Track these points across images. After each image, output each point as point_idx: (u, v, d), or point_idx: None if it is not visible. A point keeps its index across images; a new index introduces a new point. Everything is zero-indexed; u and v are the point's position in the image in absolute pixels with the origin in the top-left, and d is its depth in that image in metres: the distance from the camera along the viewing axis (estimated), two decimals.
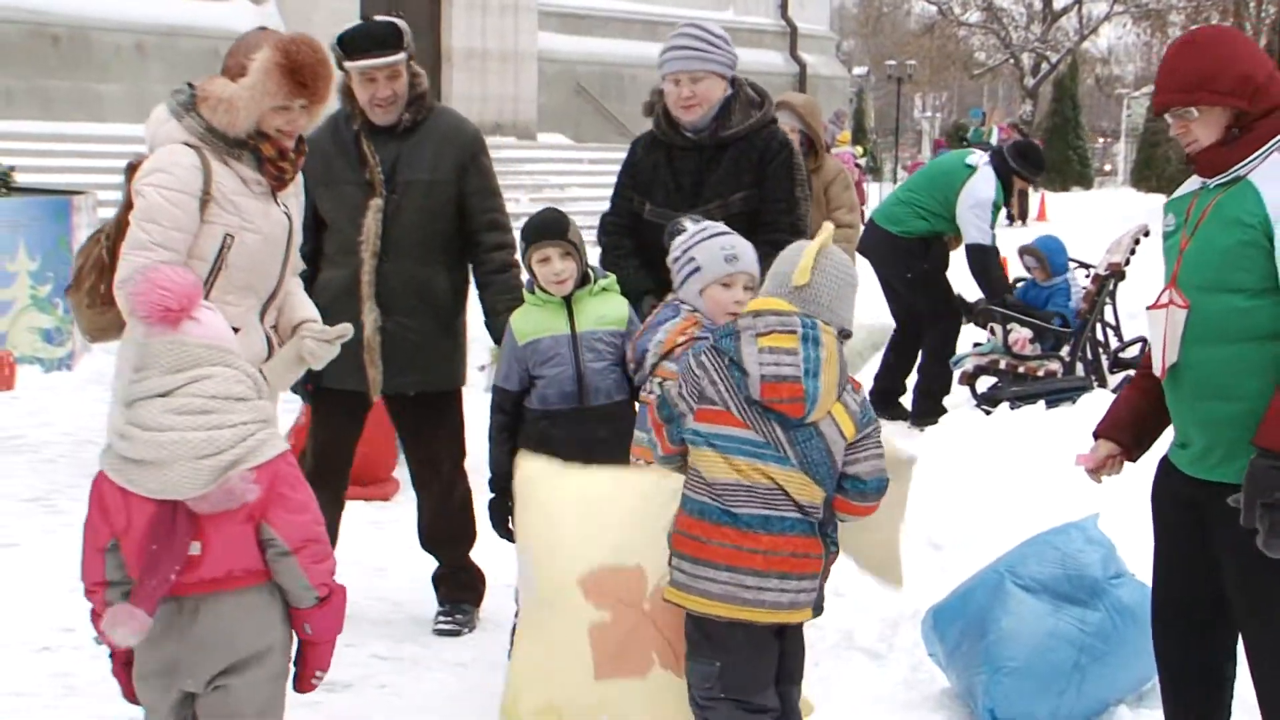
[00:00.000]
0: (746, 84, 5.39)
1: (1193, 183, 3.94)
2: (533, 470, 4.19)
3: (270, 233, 4.36)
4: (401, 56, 5.43)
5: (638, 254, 5.32)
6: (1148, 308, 3.97)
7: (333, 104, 4.65)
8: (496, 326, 5.42)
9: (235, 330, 4.25)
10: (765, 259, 4.35)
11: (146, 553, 3.33)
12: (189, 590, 3.38)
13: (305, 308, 4.61)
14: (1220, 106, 3.75)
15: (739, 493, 3.67)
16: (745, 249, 4.33)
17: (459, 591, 5.86)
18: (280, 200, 4.40)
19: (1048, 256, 10.58)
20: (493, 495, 4.93)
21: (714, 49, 5.26)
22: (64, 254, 10.69)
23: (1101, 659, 4.81)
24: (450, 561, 5.88)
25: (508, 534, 4.87)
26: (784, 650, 3.83)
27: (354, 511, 7.39)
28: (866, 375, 9.93)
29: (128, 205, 4.29)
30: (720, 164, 5.27)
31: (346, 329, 4.56)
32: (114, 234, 4.35)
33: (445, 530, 5.86)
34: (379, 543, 6.86)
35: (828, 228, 3.86)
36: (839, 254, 3.81)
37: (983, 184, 9.88)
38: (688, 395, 3.73)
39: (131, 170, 4.35)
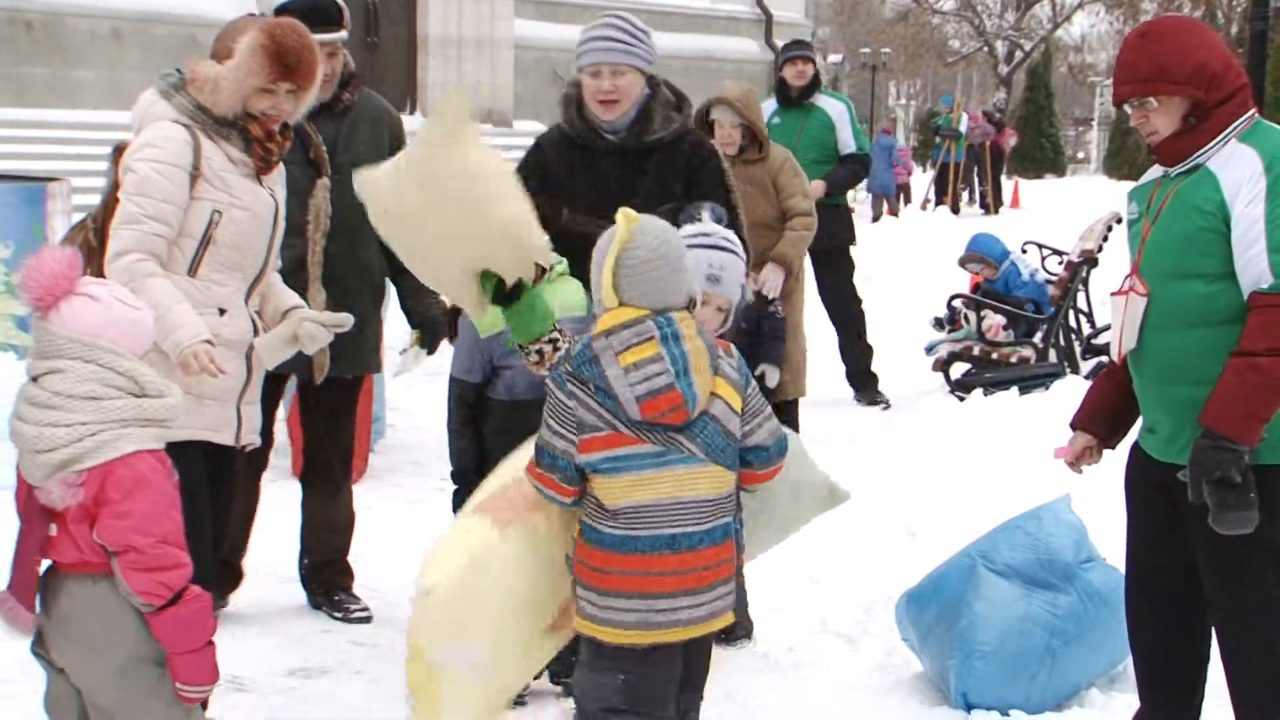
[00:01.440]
0: (663, 83, 5.10)
1: (1155, 171, 3.99)
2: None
3: (258, 212, 4.34)
4: (343, 34, 5.42)
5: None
6: (1111, 294, 4.01)
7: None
8: (420, 307, 5.45)
9: (222, 311, 4.25)
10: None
11: (19, 531, 3.44)
12: (57, 568, 3.46)
13: (292, 296, 4.61)
14: (1178, 96, 3.78)
15: (642, 514, 3.53)
16: (732, 271, 4.14)
17: (345, 578, 5.82)
18: (265, 183, 4.38)
19: (985, 254, 10.75)
20: (456, 487, 4.84)
21: (638, 42, 4.96)
22: (39, 241, 10.59)
23: (1073, 642, 4.83)
24: (341, 548, 5.80)
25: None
26: (688, 659, 3.70)
27: None
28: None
29: (115, 187, 4.27)
30: (647, 172, 5.00)
31: (346, 318, 4.53)
32: (101, 217, 4.33)
33: (343, 516, 5.81)
34: (354, 530, 6.84)
35: (623, 225, 3.59)
36: (642, 240, 3.56)
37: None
38: (565, 431, 3.53)
39: (118, 153, 4.33)
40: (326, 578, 5.76)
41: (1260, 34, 10.90)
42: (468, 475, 4.71)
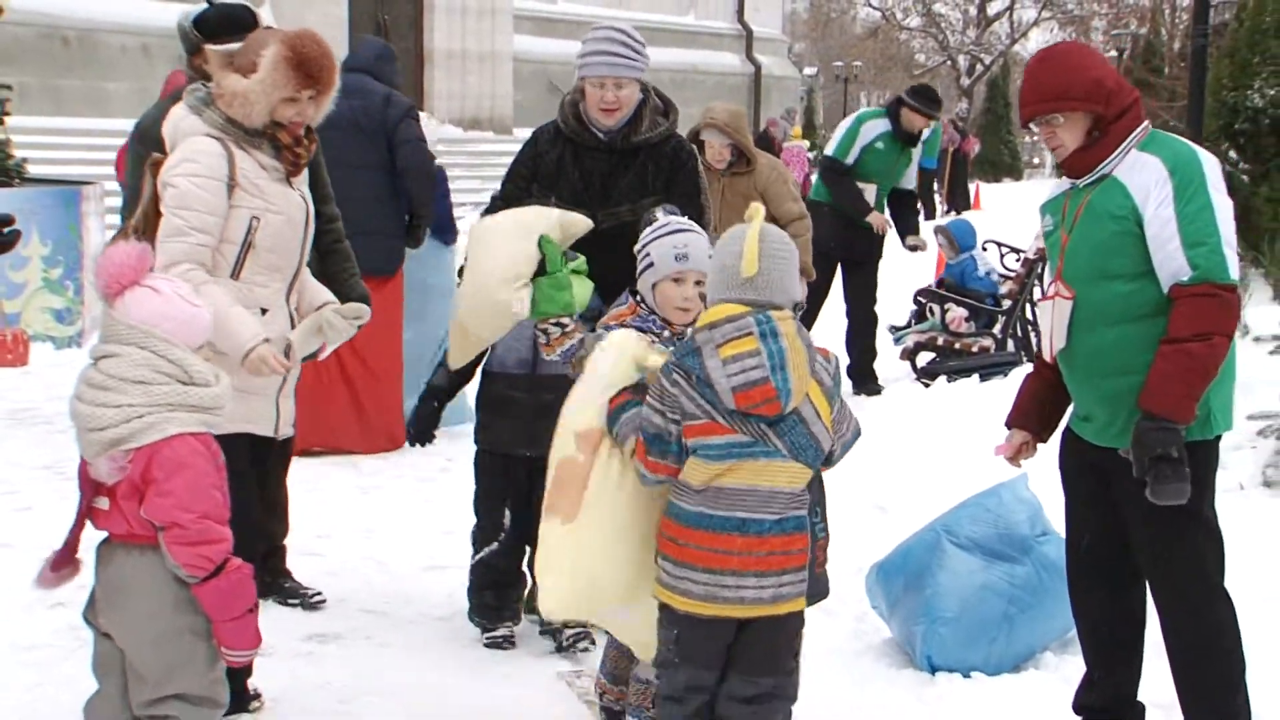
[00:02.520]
0: (654, 91, 5.10)
1: (1063, 184, 4.04)
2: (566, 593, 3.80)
3: (291, 214, 4.28)
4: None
5: None
6: (1038, 301, 4.03)
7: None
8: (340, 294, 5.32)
9: (264, 311, 4.19)
10: None
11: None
12: (111, 539, 3.46)
13: (325, 292, 4.54)
14: (1080, 112, 3.84)
15: (720, 496, 3.49)
16: (697, 247, 4.08)
17: (285, 563, 5.59)
18: (295, 185, 4.33)
19: (956, 237, 10.92)
20: (422, 402, 5.05)
21: (639, 56, 4.94)
22: (73, 240, 10.62)
23: (1029, 610, 4.83)
24: (283, 535, 5.57)
25: (425, 438, 5.58)
26: (749, 643, 3.58)
27: (342, 478, 7.41)
28: None
29: (154, 199, 4.21)
30: (631, 168, 4.99)
31: (364, 310, 4.46)
32: (142, 228, 4.28)
33: (285, 501, 5.53)
34: (366, 507, 6.85)
35: (758, 209, 3.62)
36: (774, 231, 3.60)
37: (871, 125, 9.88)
38: (670, 415, 3.50)
39: (154, 167, 4.27)
40: (272, 565, 5.47)
41: (1200, 49, 10.94)
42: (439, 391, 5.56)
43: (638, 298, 4.10)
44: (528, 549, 5.04)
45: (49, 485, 6.83)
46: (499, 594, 5.14)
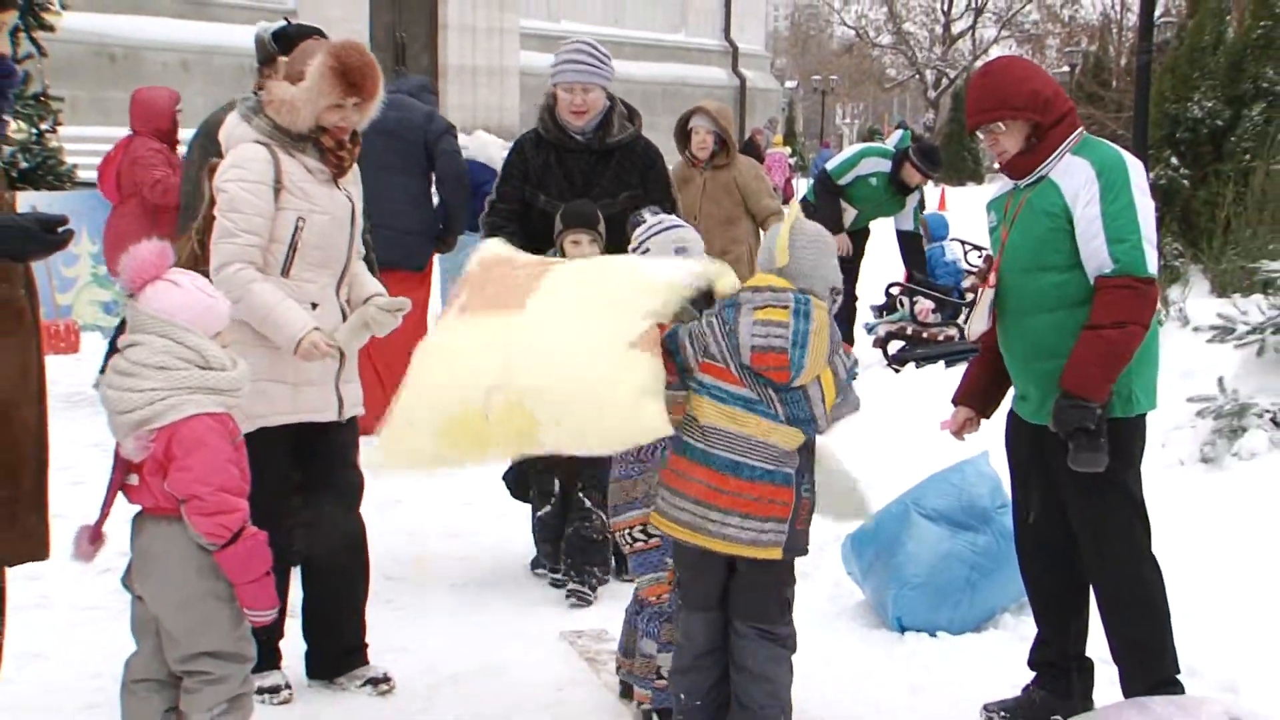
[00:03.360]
0: (619, 100, 5.29)
1: (1006, 185, 4.08)
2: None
3: (336, 214, 4.20)
4: None
5: (524, 236, 5.06)
6: (979, 288, 4.06)
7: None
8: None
9: (314, 305, 4.12)
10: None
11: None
12: (143, 512, 3.47)
13: (374, 284, 4.42)
14: (1019, 120, 3.87)
15: (721, 437, 3.51)
16: (694, 242, 4.12)
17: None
18: (341, 186, 4.26)
19: (931, 226, 11.24)
20: None
21: (603, 65, 5.18)
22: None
23: (989, 575, 4.84)
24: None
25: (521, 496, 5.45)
26: (738, 587, 3.62)
27: (370, 456, 7.37)
28: None
29: (211, 202, 4.18)
30: (608, 167, 5.20)
31: (405, 302, 4.35)
32: (203, 229, 4.24)
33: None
34: (390, 480, 6.82)
35: (796, 207, 3.68)
36: (810, 226, 3.64)
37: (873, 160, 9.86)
38: (695, 349, 3.57)
39: (211, 172, 4.24)
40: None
41: (1145, 65, 10.92)
42: None
43: None
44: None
45: (98, 461, 6.79)
46: (554, 546, 5.40)
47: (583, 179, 5.19)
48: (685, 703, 3.66)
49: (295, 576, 4.42)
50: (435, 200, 7.82)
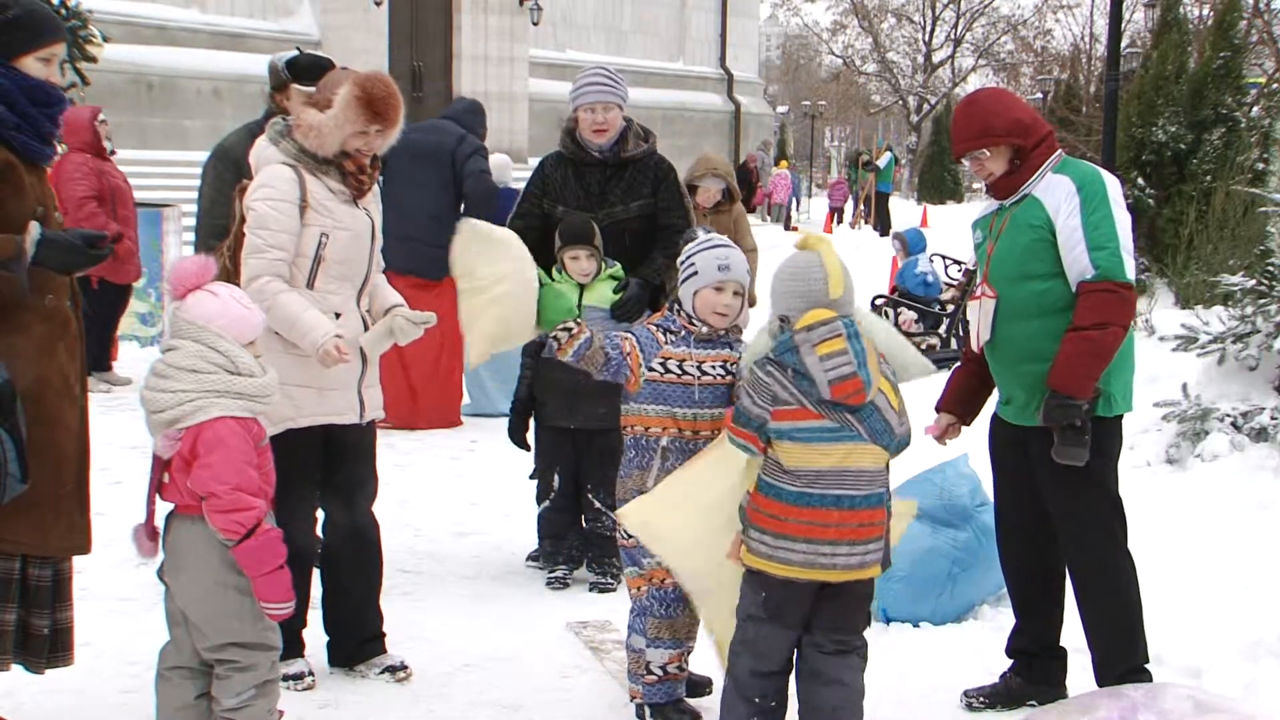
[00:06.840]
0: (634, 122, 5.38)
1: (990, 205, 4.09)
2: (644, 516, 3.79)
3: (358, 231, 4.19)
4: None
5: (543, 246, 5.10)
6: (968, 300, 4.05)
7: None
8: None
9: (338, 315, 4.11)
10: (668, 245, 5.06)
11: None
12: (175, 509, 3.47)
13: (394, 295, 4.40)
14: (1003, 145, 3.90)
15: (815, 478, 3.45)
16: (738, 261, 3.98)
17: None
18: (361, 205, 4.25)
19: (909, 240, 11.33)
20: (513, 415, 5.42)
21: (619, 86, 5.27)
22: (155, 254, 10.59)
23: (969, 569, 4.83)
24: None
25: (521, 444, 5.42)
26: (828, 603, 3.56)
27: (380, 456, 7.35)
28: None
29: (241, 220, 4.18)
30: (623, 179, 5.26)
31: (431, 317, 4.32)
32: (234, 246, 4.24)
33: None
34: (402, 479, 6.81)
35: (821, 238, 3.66)
36: (835, 260, 3.60)
37: None
38: (761, 402, 3.48)
39: (241, 193, 4.24)
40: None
41: (1113, 92, 10.97)
42: (523, 402, 5.39)
43: (673, 304, 4.00)
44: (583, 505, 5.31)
45: (136, 462, 6.82)
46: (554, 543, 5.39)
47: (599, 188, 5.26)
48: (762, 704, 3.62)
49: (316, 570, 4.41)
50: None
